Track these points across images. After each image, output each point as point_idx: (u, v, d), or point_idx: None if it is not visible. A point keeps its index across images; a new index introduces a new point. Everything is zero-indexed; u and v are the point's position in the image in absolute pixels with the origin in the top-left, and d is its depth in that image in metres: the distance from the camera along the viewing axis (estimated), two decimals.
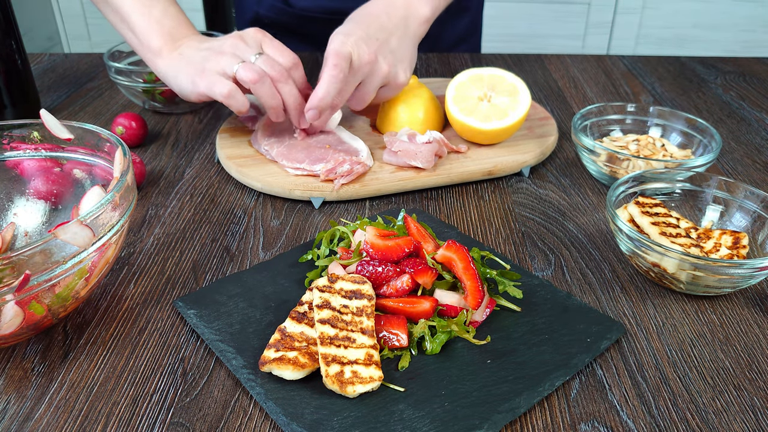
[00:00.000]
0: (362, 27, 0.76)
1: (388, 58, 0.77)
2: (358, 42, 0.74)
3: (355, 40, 0.74)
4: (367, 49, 0.74)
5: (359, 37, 0.74)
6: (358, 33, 0.75)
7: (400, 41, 0.78)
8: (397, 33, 0.78)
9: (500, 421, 0.45)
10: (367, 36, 0.75)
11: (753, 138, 0.92)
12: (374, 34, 0.76)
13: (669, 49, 2.51)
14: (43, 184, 0.63)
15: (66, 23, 2.56)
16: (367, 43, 0.74)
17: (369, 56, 0.74)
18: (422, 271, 0.53)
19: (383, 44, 0.76)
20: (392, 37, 0.77)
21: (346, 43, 0.73)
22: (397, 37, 0.78)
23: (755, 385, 0.50)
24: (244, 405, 0.48)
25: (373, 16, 0.78)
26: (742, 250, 0.61)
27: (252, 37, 0.75)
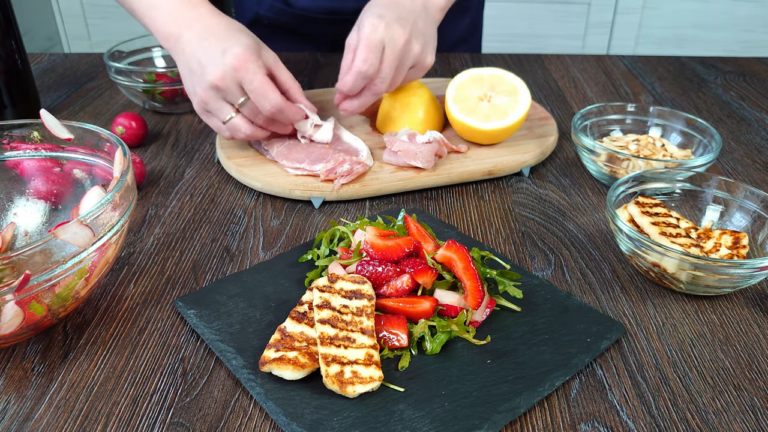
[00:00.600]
0: (392, 10, 0.76)
1: (419, 39, 0.77)
2: (392, 24, 0.74)
3: (387, 22, 0.74)
4: (402, 31, 0.74)
5: (392, 19, 0.74)
6: (390, 15, 0.75)
7: (425, 24, 0.79)
8: (422, 16, 0.79)
9: (500, 421, 0.45)
10: (399, 17, 0.75)
11: (753, 138, 0.92)
12: (405, 16, 0.76)
13: (669, 49, 2.51)
14: (43, 184, 0.62)
15: (66, 23, 2.56)
16: (401, 24, 0.75)
17: (404, 37, 0.74)
18: (422, 271, 0.53)
19: (414, 25, 0.76)
20: (419, 19, 0.78)
21: (379, 28, 0.73)
22: (423, 20, 0.79)
23: (755, 385, 0.50)
24: (244, 405, 0.48)
25: (397, 3, 0.78)
26: (742, 250, 0.61)
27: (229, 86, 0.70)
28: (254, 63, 0.69)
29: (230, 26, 0.73)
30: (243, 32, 0.73)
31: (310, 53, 1.20)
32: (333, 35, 1.18)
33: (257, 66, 0.70)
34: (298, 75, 1.12)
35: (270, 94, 0.71)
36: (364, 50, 0.73)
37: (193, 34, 0.72)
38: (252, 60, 0.69)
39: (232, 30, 0.72)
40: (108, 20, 2.54)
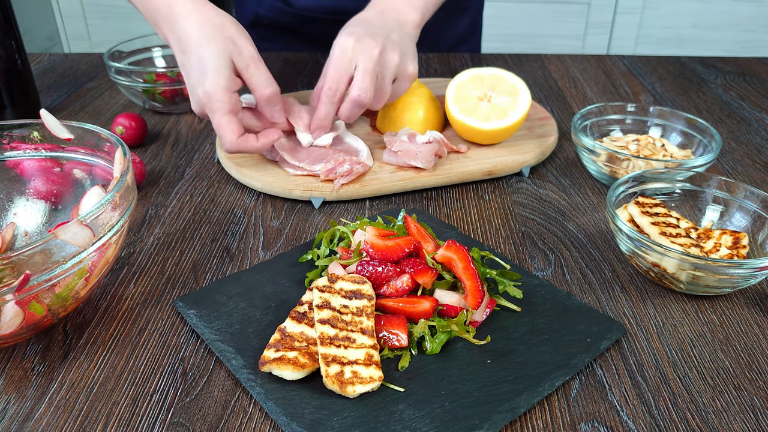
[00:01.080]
0: (363, 26, 0.76)
1: (395, 48, 0.76)
2: (363, 38, 0.74)
3: (358, 36, 0.74)
4: (373, 42, 0.74)
5: (363, 33, 0.74)
6: (361, 30, 0.75)
7: (400, 36, 0.78)
8: (395, 30, 0.78)
9: (500, 421, 0.45)
10: (370, 32, 0.75)
11: (753, 138, 0.92)
12: (376, 31, 0.76)
13: (669, 49, 2.51)
14: (43, 184, 0.62)
15: (66, 23, 2.56)
16: (372, 37, 0.74)
17: (378, 48, 0.74)
18: (422, 271, 0.53)
19: (387, 38, 0.76)
20: (392, 33, 0.77)
21: (347, 44, 0.73)
22: (397, 33, 0.78)
23: (755, 385, 0.50)
24: (244, 405, 0.48)
25: (368, 20, 0.78)
26: (742, 250, 0.61)
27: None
28: (220, 102, 0.68)
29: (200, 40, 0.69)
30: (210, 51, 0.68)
31: (310, 53, 1.20)
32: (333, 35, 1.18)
33: (219, 106, 0.69)
34: (297, 75, 1.12)
35: (226, 135, 0.70)
36: (333, 71, 0.73)
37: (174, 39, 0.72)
38: (214, 99, 0.68)
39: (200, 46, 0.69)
40: (108, 20, 2.54)
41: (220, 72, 0.68)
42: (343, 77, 0.74)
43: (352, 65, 0.74)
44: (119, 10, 2.52)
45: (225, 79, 0.69)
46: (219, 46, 0.69)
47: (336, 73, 0.73)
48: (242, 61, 0.70)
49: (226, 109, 0.69)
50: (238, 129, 0.70)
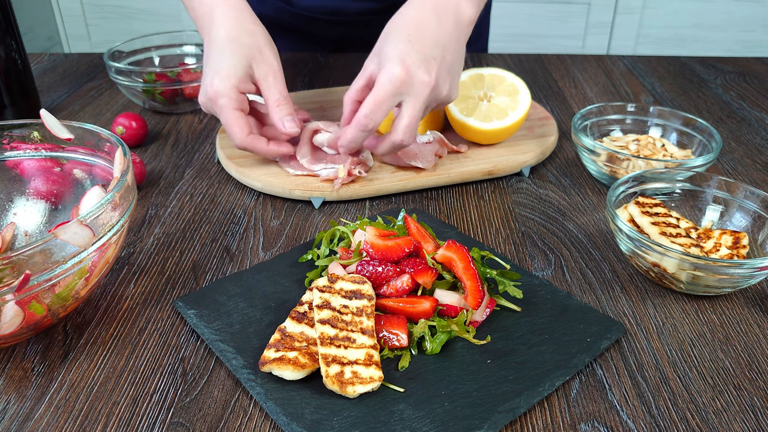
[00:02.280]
0: (417, 46, 0.66)
1: (447, 78, 0.69)
2: (416, 70, 0.65)
3: (408, 67, 0.65)
4: (427, 78, 0.66)
5: (416, 61, 0.65)
6: (414, 57, 0.65)
7: (454, 55, 0.70)
8: (451, 45, 0.69)
9: (500, 421, 0.45)
10: (424, 58, 0.66)
11: (753, 138, 0.92)
12: (430, 52, 0.67)
13: (669, 49, 2.51)
14: (43, 184, 0.62)
15: (66, 23, 2.56)
16: (426, 67, 0.66)
17: (431, 84, 0.66)
18: (422, 271, 0.53)
19: (441, 63, 0.67)
20: (447, 52, 0.68)
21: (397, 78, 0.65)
22: (452, 50, 0.69)
23: (755, 385, 0.50)
24: (244, 405, 0.48)
25: (424, 26, 0.68)
26: (742, 250, 0.61)
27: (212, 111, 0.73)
28: (227, 98, 0.70)
29: (228, 40, 0.71)
30: (232, 50, 0.70)
31: (311, 53, 1.20)
32: (335, 35, 1.18)
33: (226, 102, 0.70)
34: (298, 75, 1.12)
35: (235, 132, 0.70)
36: (374, 103, 0.65)
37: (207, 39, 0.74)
38: (227, 95, 0.70)
39: (225, 45, 0.71)
40: (108, 20, 2.54)
41: (233, 71, 0.70)
42: (383, 111, 0.66)
43: (397, 100, 0.66)
44: (119, 10, 2.52)
45: (236, 78, 0.70)
46: (242, 50, 0.71)
47: (376, 106, 0.65)
48: (261, 69, 0.71)
49: (232, 106, 0.70)
50: (246, 126, 0.71)
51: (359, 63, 0.71)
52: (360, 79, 0.69)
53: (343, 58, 1.18)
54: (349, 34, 1.16)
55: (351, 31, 1.15)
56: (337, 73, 1.11)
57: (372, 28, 0.71)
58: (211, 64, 0.72)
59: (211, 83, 0.70)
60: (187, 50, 1.04)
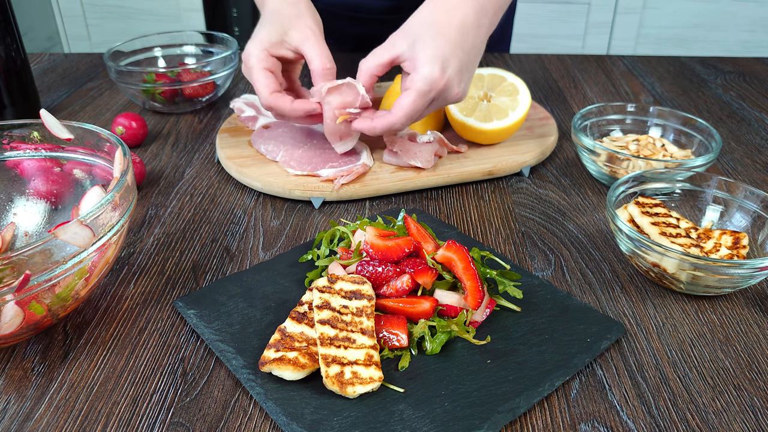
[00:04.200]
0: (458, 51, 0.66)
1: (466, 86, 0.70)
2: (452, 77, 0.66)
3: (449, 74, 0.65)
4: (458, 88, 0.67)
5: (454, 70, 0.66)
6: (453, 64, 0.65)
7: (476, 62, 0.71)
8: (480, 54, 0.70)
9: (500, 421, 0.45)
10: (460, 67, 0.66)
11: (753, 138, 0.92)
12: (466, 61, 0.67)
13: (669, 49, 2.51)
14: (43, 184, 0.62)
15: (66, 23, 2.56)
16: (460, 77, 0.67)
17: (459, 94, 0.68)
18: (422, 271, 0.53)
19: (469, 74, 0.69)
20: (476, 61, 0.70)
21: (436, 83, 0.65)
22: (479, 58, 0.70)
23: (755, 385, 0.50)
24: (244, 405, 0.48)
25: (467, 31, 0.67)
26: (742, 250, 0.61)
27: None
28: (255, 58, 0.71)
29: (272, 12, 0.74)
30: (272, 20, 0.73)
31: None
32: (357, 33, 1.17)
33: (255, 62, 0.72)
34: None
35: (260, 89, 0.71)
36: (409, 108, 0.66)
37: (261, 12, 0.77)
38: (256, 55, 0.71)
39: (268, 16, 0.74)
40: (108, 20, 2.54)
41: (266, 36, 0.72)
42: (417, 115, 0.67)
43: (429, 102, 0.67)
44: (119, 10, 2.52)
45: (269, 42, 0.72)
46: (280, 19, 0.73)
47: (413, 111, 0.66)
48: (297, 36, 0.72)
49: (260, 66, 0.71)
50: (272, 85, 0.71)
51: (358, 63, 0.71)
52: (385, 54, 0.68)
53: (343, 58, 1.18)
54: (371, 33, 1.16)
55: (373, 29, 1.14)
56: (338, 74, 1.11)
57: (394, 28, 0.71)
58: (254, 32, 0.74)
59: (246, 47, 0.73)
60: (187, 50, 1.04)
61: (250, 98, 0.90)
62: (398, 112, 0.66)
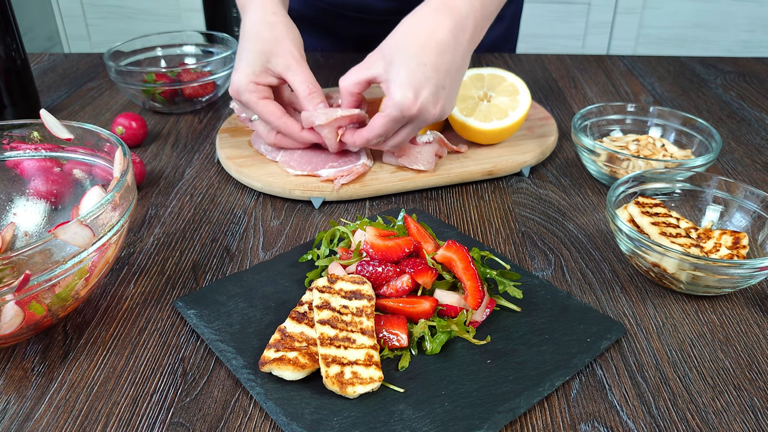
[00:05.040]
0: (432, 73, 0.65)
1: (448, 105, 0.69)
2: (427, 99, 0.66)
3: (426, 96, 0.66)
4: (434, 110, 0.67)
5: (429, 93, 0.66)
6: (428, 88, 0.65)
7: (460, 79, 0.70)
8: (461, 71, 0.70)
9: (500, 421, 0.45)
10: (436, 89, 0.66)
11: (753, 138, 0.92)
12: (442, 81, 0.67)
13: (669, 49, 2.51)
14: (43, 184, 0.62)
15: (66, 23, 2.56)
16: (435, 99, 0.67)
17: (436, 114, 0.68)
18: (422, 271, 0.53)
19: (449, 92, 0.68)
20: (456, 79, 0.69)
21: (410, 107, 0.65)
22: (460, 75, 0.70)
23: (755, 385, 0.50)
24: (244, 405, 0.48)
25: (442, 50, 0.66)
26: (742, 250, 0.61)
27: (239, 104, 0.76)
28: (248, 92, 0.72)
29: (251, 34, 0.73)
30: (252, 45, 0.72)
31: (310, 53, 1.20)
32: (360, 34, 1.17)
33: (251, 93, 0.72)
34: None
35: (268, 117, 0.73)
36: (381, 127, 0.68)
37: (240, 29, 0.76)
38: (246, 89, 0.72)
39: (247, 40, 0.73)
40: (108, 20, 2.54)
41: (250, 68, 0.72)
42: (389, 133, 0.69)
43: (401, 124, 0.69)
44: (119, 10, 2.52)
45: (254, 74, 0.72)
46: (259, 43, 0.72)
47: (384, 130, 0.68)
48: (280, 62, 0.72)
49: (256, 98, 0.72)
50: (278, 110, 0.73)
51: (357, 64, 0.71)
52: (362, 74, 0.69)
53: (345, 58, 1.18)
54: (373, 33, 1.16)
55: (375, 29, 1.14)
56: (338, 74, 1.11)
57: None
58: (237, 58, 0.75)
59: (232, 82, 0.73)
60: (187, 50, 1.04)
61: None
62: (371, 131, 0.69)
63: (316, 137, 0.74)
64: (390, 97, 0.66)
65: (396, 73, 0.66)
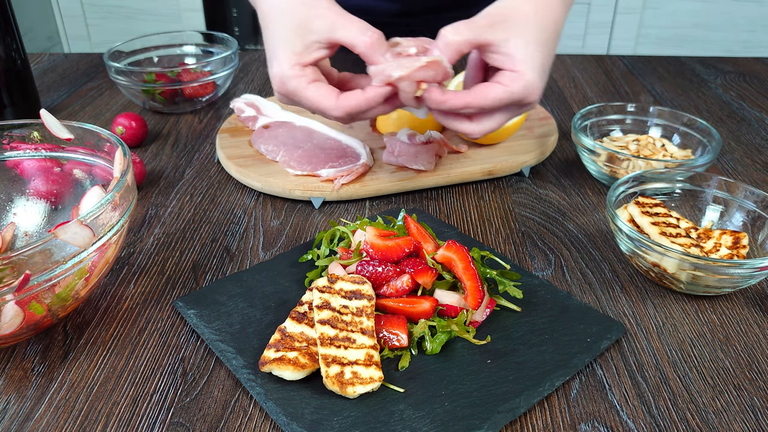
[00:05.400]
0: (549, 56, 0.61)
1: None
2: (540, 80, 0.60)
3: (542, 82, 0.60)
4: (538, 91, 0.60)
5: (544, 78, 0.60)
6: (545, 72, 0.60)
7: None
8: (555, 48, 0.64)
9: (500, 421, 0.45)
10: (544, 69, 0.61)
11: (753, 138, 0.92)
12: (548, 62, 0.61)
13: (669, 49, 2.51)
14: (43, 184, 0.62)
15: (66, 23, 2.56)
16: (543, 77, 0.61)
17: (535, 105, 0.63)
18: (422, 271, 0.53)
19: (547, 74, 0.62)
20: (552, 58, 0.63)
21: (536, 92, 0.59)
22: None
23: (755, 385, 0.50)
24: (244, 405, 0.48)
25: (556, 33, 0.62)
26: (742, 250, 0.61)
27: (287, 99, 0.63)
28: (295, 78, 0.59)
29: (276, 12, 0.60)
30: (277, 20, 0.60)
31: None
32: None
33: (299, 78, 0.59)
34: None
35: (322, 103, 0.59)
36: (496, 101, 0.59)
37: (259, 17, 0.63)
38: (293, 75, 0.59)
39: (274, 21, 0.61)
40: (108, 20, 2.54)
41: (289, 46, 0.59)
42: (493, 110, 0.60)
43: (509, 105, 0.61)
44: (119, 10, 2.52)
45: (294, 53, 0.59)
46: (290, 16, 0.59)
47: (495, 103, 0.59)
48: (323, 23, 0.59)
49: (305, 81, 0.59)
50: (331, 91, 0.59)
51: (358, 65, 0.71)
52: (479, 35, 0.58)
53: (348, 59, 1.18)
54: None
55: None
56: None
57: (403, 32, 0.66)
58: (266, 47, 0.62)
59: (272, 74, 0.61)
60: (187, 50, 1.04)
61: (250, 98, 0.90)
62: (479, 99, 0.58)
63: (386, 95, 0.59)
64: (520, 76, 0.58)
65: (528, 54, 0.58)
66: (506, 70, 0.59)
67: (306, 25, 0.59)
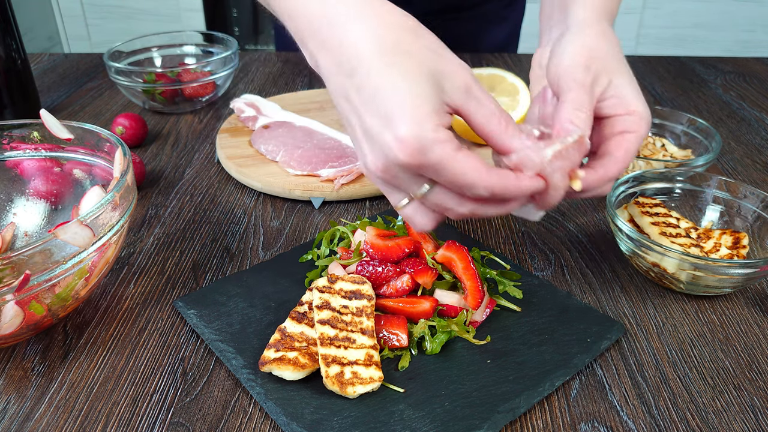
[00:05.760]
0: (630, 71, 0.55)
1: None
2: None
3: None
4: None
5: None
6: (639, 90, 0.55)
7: None
8: None
9: (500, 421, 0.45)
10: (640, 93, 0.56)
11: (753, 138, 0.92)
12: None
13: (669, 49, 2.51)
14: (43, 184, 0.62)
15: (66, 23, 2.56)
16: None
17: None
18: (422, 271, 0.53)
19: None
20: None
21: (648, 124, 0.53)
22: None
23: (755, 385, 0.50)
24: (244, 405, 0.48)
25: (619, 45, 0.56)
26: (742, 250, 0.61)
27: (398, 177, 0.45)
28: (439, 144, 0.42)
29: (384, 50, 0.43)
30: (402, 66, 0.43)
31: None
32: None
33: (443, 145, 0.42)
34: (298, 75, 1.12)
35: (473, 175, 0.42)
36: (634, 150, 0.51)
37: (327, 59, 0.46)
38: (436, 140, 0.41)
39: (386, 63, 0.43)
40: (108, 20, 2.55)
41: (427, 102, 0.42)
42: None
43: None
44: (119, 10, 2.52)
45: (434, 112, 0.42)
46: (417, 60, 0.43)
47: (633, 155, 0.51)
48: (458, 85, 0.44)
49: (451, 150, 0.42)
50: (482, 162, 0.43)
51: None
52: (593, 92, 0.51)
53: None
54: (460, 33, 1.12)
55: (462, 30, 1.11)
56: None
57: None
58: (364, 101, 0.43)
59: (395, 140, 0.42)
60: (187, 50, 1.04)
61: (250, 98, 0.90)
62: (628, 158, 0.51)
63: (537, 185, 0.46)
64: (640, 115, 0.52)
65: (632, 88, 0.53)
66: (622, 114, 0.52)
67: (439, 81, 0.44)
